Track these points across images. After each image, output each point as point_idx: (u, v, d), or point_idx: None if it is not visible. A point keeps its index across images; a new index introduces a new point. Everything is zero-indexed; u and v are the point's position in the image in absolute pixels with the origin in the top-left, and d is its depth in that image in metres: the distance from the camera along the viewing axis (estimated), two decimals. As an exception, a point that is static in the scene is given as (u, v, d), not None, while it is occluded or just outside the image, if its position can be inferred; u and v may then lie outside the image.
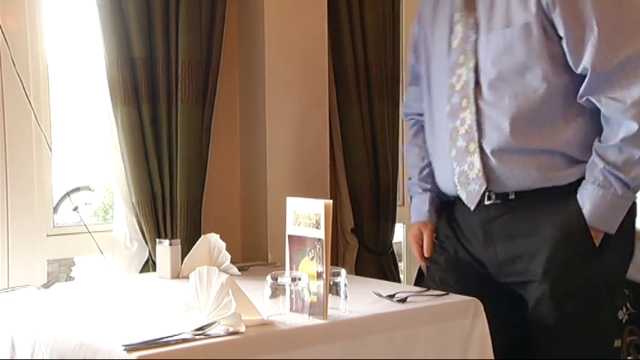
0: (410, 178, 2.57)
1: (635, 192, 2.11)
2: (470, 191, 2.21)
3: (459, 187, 2.24)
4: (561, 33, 2.06)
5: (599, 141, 2.10)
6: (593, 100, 2.07)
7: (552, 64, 2.09)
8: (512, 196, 2.19)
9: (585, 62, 2.04)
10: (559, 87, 2.11)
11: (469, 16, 2.19)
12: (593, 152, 2.10)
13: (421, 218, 2.47)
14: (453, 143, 2.22)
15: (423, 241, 2.44)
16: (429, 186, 2.45)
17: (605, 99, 2.05)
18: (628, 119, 2.03)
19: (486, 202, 2.21)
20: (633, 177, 2.06)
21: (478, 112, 2.17)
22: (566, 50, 2.07)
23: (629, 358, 3.11)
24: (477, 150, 2.17)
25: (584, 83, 2.06)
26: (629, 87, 2.02)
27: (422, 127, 2.50)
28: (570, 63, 2.08)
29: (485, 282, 2.29)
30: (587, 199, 2.09)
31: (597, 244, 2.11)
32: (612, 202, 2.07)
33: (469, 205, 2.24)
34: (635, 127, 2.02)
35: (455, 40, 2.22)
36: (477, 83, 2.17)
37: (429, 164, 2.47)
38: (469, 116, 2.17)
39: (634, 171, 2.05)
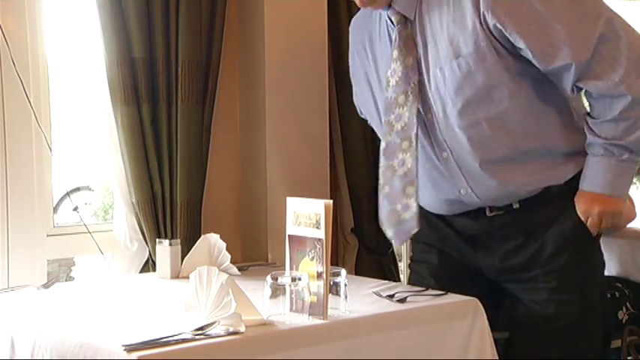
0: None
1: (639, 154, 2.11)
2: (400, 230, 2.21)
3: (386, 226, 2.24)
4: (521, 45, 2.03)
5: (592, 118, 2.10)
6: (581, 86, 2.06)
7: (511, 78, 2.08)
8: (516, 205, 2.19)
9: (562, 59, 2.02)
10: (522, 95, 2.11)
11: (408, 55, 2.13)
12: (588, 132, 2.10)
13: None
14: (387, 181, 2.20)
15: None
16: None
17: (592, 82, 2.04)
18: (620, 94, 2.03)
19: (488, 214, 2.21)
20: (634, 140, 2.06)
21: (423, 153, 2.16)
22: (531, 57, 2.04)
23: (629, 358, 3.11)
24: (414, 197, 2.15)
25: (567, 76, 2.04)
26: (612, 65, 2.02)
27: None
28: (538, 65, 2.05)
29: (478, 281, 2.29)
30: (594, 170, 2.09)
31: (616, 213, 2.12)
32: (618, 167, 2.08)
33: (396, 243, 2.29)
34: (629, 98, 2.03)
35: (393, 78, 2.16)
36: (424, 126, 2.15)
37: None
38: (410, 159, 2.14)
39: (634, 135, 2.06)
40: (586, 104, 2.16)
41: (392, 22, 2.18)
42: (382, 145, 2.21)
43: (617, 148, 2.07)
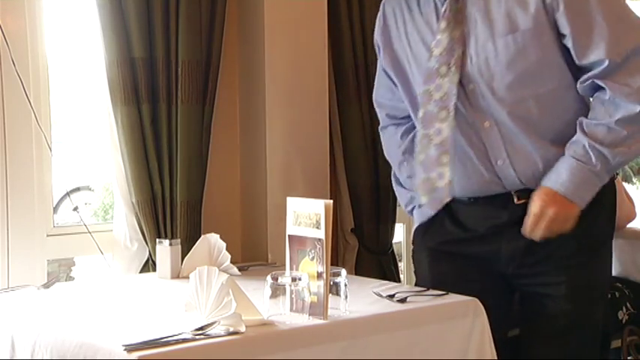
0: (406, 189, 2.48)
1: (611, 172, 2.11)
2: (434, 198, 2.20)
3: (421, 192, 2.22)
4: (565, 31, 2.07)
5: (588, 119, 2.10)
6: (599, 83, 2.07)
7: (562, 58, 2.11)
8: None
9: (595, 54, 2.05)
10: (567, 78, 2.13)
11: (456, 28, 2.15)
12: (579, 129, 2.10)
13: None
14: (423, 149, 2.20)
15: None
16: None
17: (611, 82, 2.05)
18: (630, 102, 2.04)
19: (516, 202, 2.18)
20: (616, 153, 2.05)
21: (458, 124, 2.15)
22: (571, 46, 2.08)
23: (629, 358, 3.11)
24: (449, 166, 2.15)
25: (593, 71, 2.07)
26: (635, 76, 2.04)
27: (406, 131, 2.45)
28: (575, 57, 2.09)
29: (494, 279, 2.28)
30: (564, 170, 2.08)
31: (569, 219, 2.08)
32: (588, 177, 2.06)
33: (430, 209, 2.24)
34: (637, 108, 2.04)
35: (437, 48, 2.17)
36: (464, 97, 2.15)
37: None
38: (446, 129, 2.15)
39: (618, 149, 2.05)
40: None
41: None
42: (420, 114, 2.20)
43: (596, 153, 2.05)
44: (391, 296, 2.06)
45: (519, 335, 2.36)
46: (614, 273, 3.25)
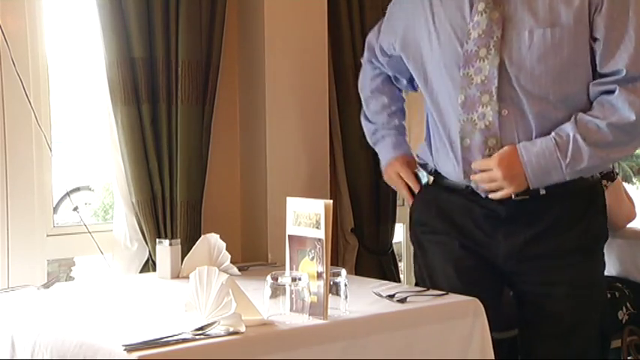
0: (372, 123, 2.56)
1: (574, 174, 2.09)
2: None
3: (465, 179, 2.20)
4: (599, 35, 2.08)
5: (584, 112, 2.10)
6: (609, 87, 2.08)
7: (591, 62, 2.11)
8: (543, 192, 2.16)
9: (617, 63, 2.07)
10: (588, 83, 2.13)
11: (495, 9, 2.11)
12: (572, 119, 2.09)
13: (399, 153, 2.45)
14: (467, 134, 2.17)
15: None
16: (400, 133, 2.47)
17: (620, 87, 2.06)
18: (628, 109, 2.05)
19: (514, 198, 2.17)
20: (592, 155, 2.06)
21: (500, 110, 2.12)
22: (599, 52, 2.09)
23: (629, 358, 3.11)
24: (497, 147, 2.14)
25: (609, 78, 2.08)
26: None
27: (389, 78, 2.52)
28: (598, 63, 2.10)
29: (493, 275, 2.29)
30: (539, 145, 2.08)
31: (510, 187, 2.10)
32: (552, 165, 2.07)
33: (482, 193, 2.20)
34: (633, 117, 2.04)
35: (475, 30, 2.12)
36: (502, 82, 2.12)
37: (398, 111, 2.50)
38: (490, 113, 2.12)
39: (597, 151, 2.06)
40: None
41: None
42: (460, 98, 2.16)
43: (575, 147, 2.06)
44: (391, 296, 2.06)
45: (518, 336, 2.36)
46: (614, 273, 3.26)
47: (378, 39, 2.52)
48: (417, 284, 2.40)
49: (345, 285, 1.92)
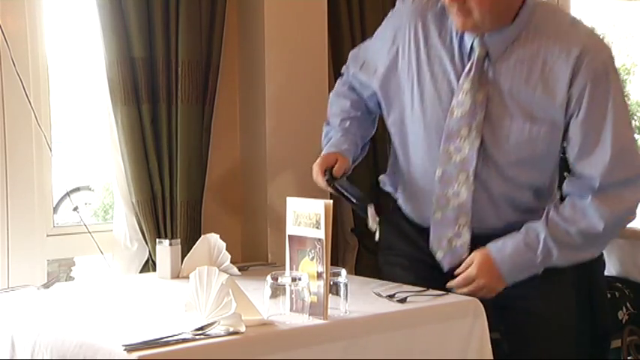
0: (327, 125, 2.48)
1: (548, 266, 2.16)
2: (450, 254, 2.25)
3: (435, 248, 2.26)
4: (573, 138, 2.12)
5: (556, 212, 2.16)
6: (584, 193, 2.14)
7: (559, 156, 2.21)
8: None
9: (591, 169, 2.12)
10: (555, 170, 2.25)
11: (479, 91, 2.12)
12: (544, 218, 2.16)
13: (331, 150, 2.34)
14: (440, 208, 2.22)
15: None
16: (352, 136, 2.38)
17: (593, 196, 2.13)
18: (598, 219, 2.12)
19: None
20: (562, 255, 2.15)
21: (474, 190, 2.17)
22: (572, 153, 2.14)
23: (629, 358, 3.11)
24: (467, 225, 2.20)
25: (583, 179, 2.14)
26: (620, 201, 2.13)
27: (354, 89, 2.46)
28: (572, 160, 2.16)
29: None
30: (510, 245, 2.15)
31: (494, 291, 2.17)
32: (526, 263, 2.15)
33: (444, 267, 2.26)
34: (601, 228, 2.12)
35: (459, 109, 2.14)
36: (479, 163, 2.16)
37: (357, 119, 2.41)
38: (465, 192, 2.17)
39: (566, 252, 2.15)
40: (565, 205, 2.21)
41: (470, 50, 2.14)
42: (438, 172, 2.20)
43: (545, 247, 2.13)
44: (391, 296, 2.06)
45: (500, 339, 2.37)
46: (614, 273, 3.26)
47: (359, 65, 2.43)
48: None
49: (345, 285, 1.92)
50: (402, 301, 2.03)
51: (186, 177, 2.70)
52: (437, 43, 2.19)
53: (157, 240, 2.52)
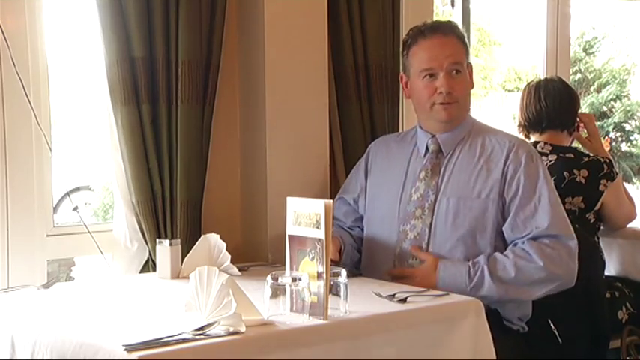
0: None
1: (477, 295, 2.27)
2: None
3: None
4: (512, 207, 2.42)
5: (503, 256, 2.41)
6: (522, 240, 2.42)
7: (498, 229, 2.45)
8: None
9: (523, 233, 2.40)
10: (493, 241, 2.45)
11: (432, 179, 2.50)
12: (485, 255, 2.39)
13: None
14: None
15: None
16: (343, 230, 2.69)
17: (534, 242, 2.39)
18: (539, 257, 2.35)
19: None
20: (492, 287, 2.34)
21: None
22: (509, 221, 2.43)
23: (628, 358, 3.11)
24: None
25: (514, 237, 2.43)
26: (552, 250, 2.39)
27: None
28: (507, 231, 2.44)
29: None
30: (456, 266, 2.37)
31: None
32: (460, 286, 2.32)
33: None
34: (541, 263, 2.34)
35: (415, 194, 2.51)
36: (429, 238, 2.45)
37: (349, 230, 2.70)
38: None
39: (497, 285, 2.34)
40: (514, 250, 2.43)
41: (427, 148, 2.55)
42: (397, 250, 2.50)
43: (480, 276, 2.35)
44: (391, 296, 2.06)
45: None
46: (614, 273, 3.26)
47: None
48: None
49: (346, 285, 1.92)
50: (402, 301, 2.03)
51: (186, 177, 2.70)
52: (398, 153, 2.63)
53: (157, 240, 2.52)
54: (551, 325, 2.64)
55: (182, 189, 2.69)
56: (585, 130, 3.31)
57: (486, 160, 2.47)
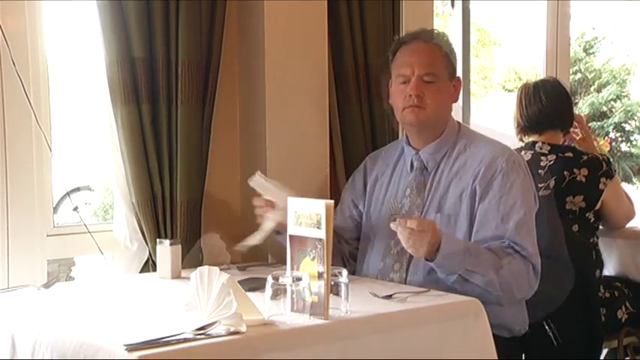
0: None
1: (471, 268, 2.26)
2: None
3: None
4: (488, 214, 2.38)
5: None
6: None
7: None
8: None
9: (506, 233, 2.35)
10: None
11: (417, 196, 2.50)
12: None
13: None
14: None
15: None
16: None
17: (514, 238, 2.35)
18: (524, 254, 2.32)
19: None
20: (487, 259, 2.27)
21: (406, 277, 2.41)
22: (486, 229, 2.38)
23: (626, 358, 3.12)
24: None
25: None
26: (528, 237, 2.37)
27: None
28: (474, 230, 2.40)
29: None
30: (456, 242, 2.31)
31: (419, 250, 2.23)
32: (449, 266, 2.25)
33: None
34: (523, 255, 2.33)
35: (402, 211, 2.51)
36: (410, 256, 2.38)
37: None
38: (397, 278, 2.42)
39: (492, 258, 2.28)
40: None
41: (412, 164, 2.54)
42: (380, 265, 2.48)
43: (476, 248, 2.30)
44: (391, 296, 2.06)
45: None
46: (614, 272, 3.26)
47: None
48: None
49: (346, 285, 1.92)
50: (402, 301, 2.03)
51: (186, 177, 2.70)
52: (386, 170, 2.63)
53: (157, 240, 2.52)
54: (550, 326, 2.64)
55: (182, 189, 2.69)
56: (578, 130, 3.34)
57: (462, 173, 2.44)
